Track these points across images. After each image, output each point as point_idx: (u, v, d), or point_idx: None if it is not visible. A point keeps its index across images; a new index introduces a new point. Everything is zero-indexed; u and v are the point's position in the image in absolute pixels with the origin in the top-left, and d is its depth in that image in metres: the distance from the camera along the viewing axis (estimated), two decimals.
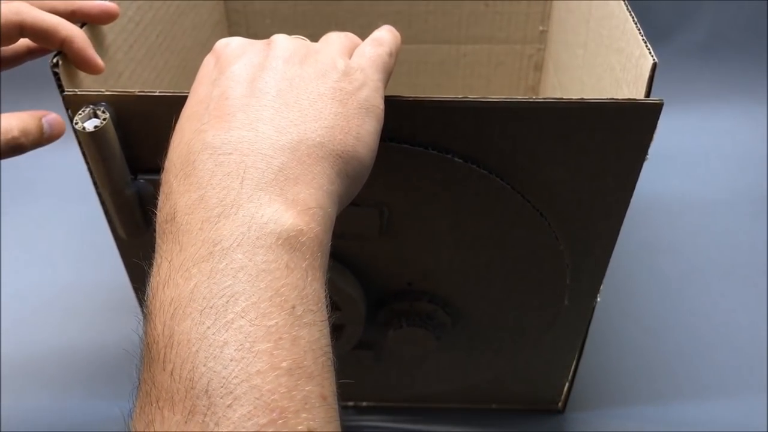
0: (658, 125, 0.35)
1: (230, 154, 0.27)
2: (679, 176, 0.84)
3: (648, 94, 0.36)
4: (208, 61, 0.33)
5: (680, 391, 0.59)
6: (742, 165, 0.85)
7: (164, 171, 0.29)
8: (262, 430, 0.22)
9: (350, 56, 0.33)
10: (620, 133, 0.36)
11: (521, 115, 0.35)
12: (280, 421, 0.22)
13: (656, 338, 0.63)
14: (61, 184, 0.84)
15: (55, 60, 0.37)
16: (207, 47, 0.62)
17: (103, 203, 0.41)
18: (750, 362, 0.61)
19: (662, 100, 0.35)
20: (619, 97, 0.34)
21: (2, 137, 0.36)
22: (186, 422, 0.22)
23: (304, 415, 0.23)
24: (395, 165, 0.38)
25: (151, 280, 0.26)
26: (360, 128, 0.30)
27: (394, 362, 0.51)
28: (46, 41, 0.37)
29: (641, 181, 0.78)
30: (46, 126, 0.38)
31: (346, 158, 0.29)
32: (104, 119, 0.35)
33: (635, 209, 0.76)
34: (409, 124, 0.36)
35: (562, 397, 0.55)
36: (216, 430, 0.22)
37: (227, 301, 0.24)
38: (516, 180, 0.38)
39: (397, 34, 0.36)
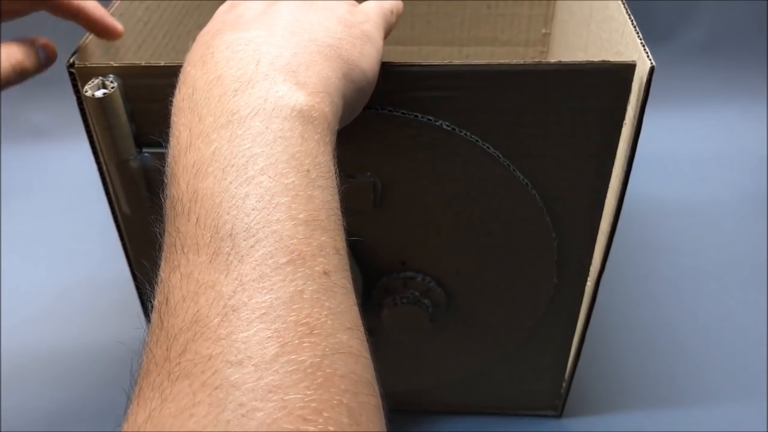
0: (656, 126, 0.36)
1: (247, 44, 0.30)
2: (678, 177, 0.84)
3: (645, 98, 0.36)
4: (223, 6, 0.35)
5: (680, 395, 0.59)
6: (742, 165, 0.85)
7: (182, 67, 0.31)
8: (282, 267, 0.23)
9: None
10: (597, 95, 0.37)
11: (504, 78, 0.36)
12: (299, 261, 0.24)
13: (655, 341, 0.63)
14: (62, 184, 0.85)
15: (71, 60, 0.37)
16: None
17: (105, 182, 0.42)
18: (751, 365, 0.61)
19: (635, 61, 0.36)
20: (596, 60, 0.36)
21: (10, 63, 0.38)
22: (210, 262, 0.23)
23: (320, 259, 0.25)
24: (385, 133, 0.39)
25: (171, 149, 0.28)
26: (363, 47, 0.33)
27: (389, 350, 0.51)
28: (58, 10, 0.39)
29: (640, 181, 0.79)
30: (41, 53, 0.40)
31: (352, 65, 0.31)
32: (112, 87, 0.36)
33: (634, 210, 0.78)
34: (398, 91, 0.37)
35: (560, 401, 0.56)
36: (239, 266, 0.23)
37: (247, 161, 0.25)
38: (502, 147, 0.39)
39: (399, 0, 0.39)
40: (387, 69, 0.36)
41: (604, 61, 0.36)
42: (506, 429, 0.56)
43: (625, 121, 0.39)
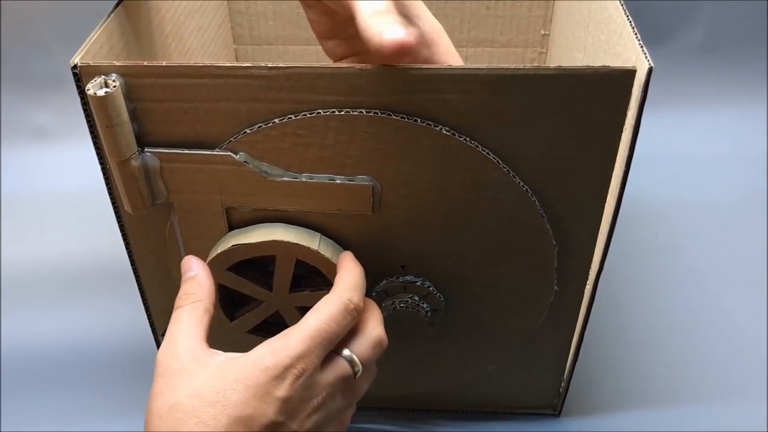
0: (656, 126, 0.36)
1: None
2: (677, 177, 0.84)
3: (644, 99, 0.37)
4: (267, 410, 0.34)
5: (678, 395, 0.59)
6: (741, 166, 0.86)
7: None
8: None
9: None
10: (597, 100, 0.37)
11: (504, 82, 0.37)
12: None
13: (654, 341, 0.64)
14: (64, 184, 0.85)
15: (75, 60, 0.38)
16: (210, 49, 0.63)
17: (107, 180, 0.42)
18: (750, 365, 0.61)
19: (635, 67, 0.36)
20: (596, 65, 0.36)
21: None
22: None
23: None
24: (385, 136, 0.39)
25: None
26: None
27: (389, 353, 0.52)
28: None
29: (639, 182, 0.78)
30: None
31: None
32: (114, 86, 0.37)
33: (633, 210, 0.78)
34: (398, 94, 0.37)
35: (559, 400, 0.56)
36: None
37: None
38: (501, 152, 0.40)
39: None
40: (387, 72, 0.36)
41: (604, 66, 0.36)
42: (505, 428, 0.57)
43: (624, 127, 0.39)
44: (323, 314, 0.37)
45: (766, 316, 0.66)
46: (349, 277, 0.40)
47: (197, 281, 0.40)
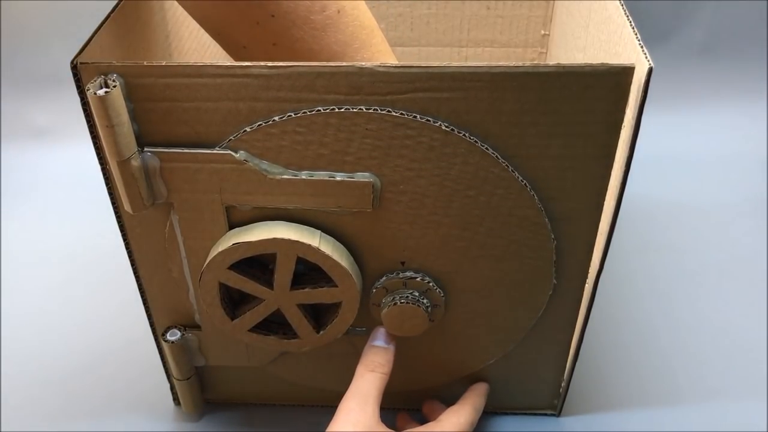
0: (656, 126, 0.36)
1: None
2: (677, 177, 0.84)
3: (644, 99, 0.37)
4: None
5: (678, 395, 0.59)
6: (741, 166, 0.86)
7: None
8: None
9: None
10: (596, 97, 0.37)
11: (503, 80, 0.37)
12: None
13: (654, 341, 0.64)
14: (63, 184, 0.85)
15: (75, 59, 0.38)
16: (210, 49, 0.63)
17: (107, 180, 0.42)
18: (750, 365, 0.61)
19: (633, 64, 0.37)
20: (595, 62, 0.36)
21: None
22: None
23: None
24: (385, 133, 0.39)
25: None
26: None
27: None
28: None
29: (639, 182, 0.79)
30: None
31: None
32: (114, 86, 0.37)
33: (633, 210, 0.78)
34: (398, 92, 0.37)
35: (558, 400, 0.56)
36: None
37: None
38: (501, 148, 0.40)
39: None
40: (387, 70, 0.37)
41: (602, 63, 0.36)
42: (505, 428, 0.57)
43: (624, 124, 0.39)
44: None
45: (766, 316, 0.66)
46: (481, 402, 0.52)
47: (388, 357, 0.47)
